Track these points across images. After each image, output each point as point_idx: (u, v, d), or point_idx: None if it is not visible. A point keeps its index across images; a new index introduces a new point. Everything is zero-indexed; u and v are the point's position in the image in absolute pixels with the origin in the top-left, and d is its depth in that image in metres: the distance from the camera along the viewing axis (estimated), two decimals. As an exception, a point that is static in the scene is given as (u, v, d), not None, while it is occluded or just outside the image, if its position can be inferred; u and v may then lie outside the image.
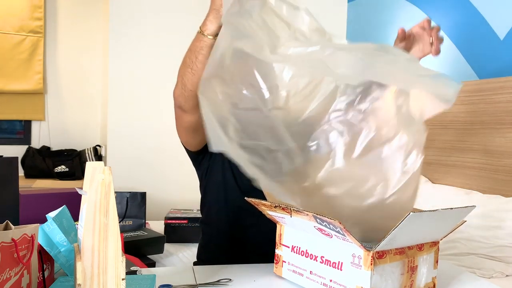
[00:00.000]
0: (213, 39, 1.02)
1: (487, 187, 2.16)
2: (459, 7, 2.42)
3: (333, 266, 0.96)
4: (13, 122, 3.66)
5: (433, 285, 1.03)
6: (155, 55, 3.46)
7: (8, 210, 1.14)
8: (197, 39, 1.06)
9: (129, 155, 3.38)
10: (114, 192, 0.78)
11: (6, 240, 0.78)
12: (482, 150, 2.20)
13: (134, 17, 3.39)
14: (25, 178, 3.35)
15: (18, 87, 3.50)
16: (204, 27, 1.04)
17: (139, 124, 3.43)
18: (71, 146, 3.68)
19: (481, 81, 2.22)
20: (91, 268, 0.76)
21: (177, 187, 3.45)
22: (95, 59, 3.77)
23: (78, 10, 3.71)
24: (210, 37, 1.04)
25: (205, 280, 1.08)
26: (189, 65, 1.08)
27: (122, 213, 2.39)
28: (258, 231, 1.37)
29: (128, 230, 2.14)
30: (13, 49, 3.46)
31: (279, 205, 0.99)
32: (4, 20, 3.42)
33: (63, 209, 1.03)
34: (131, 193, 2.44)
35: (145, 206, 2.46)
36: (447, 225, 1.03)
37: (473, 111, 2.25)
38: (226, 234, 1.46)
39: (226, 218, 1.45)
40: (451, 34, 2.47)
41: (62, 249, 0.96)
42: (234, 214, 1.40)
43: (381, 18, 3.05)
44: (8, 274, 0.77)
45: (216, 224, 1.47)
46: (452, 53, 2.45)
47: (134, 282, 0.94)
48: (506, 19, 2.15)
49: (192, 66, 1.07)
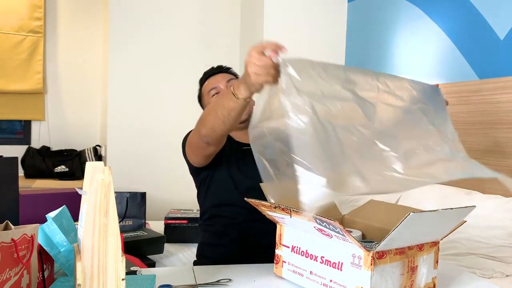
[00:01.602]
0: (245, 102, 1.10)
1: (487, 187, 2.15)
2: (459, 7, 2.42)
3: (333, 266, 0.97)
4: (13, 122, 3.66)
5: (433, 285, 1.03)
6: (155, 55, 3.46)
7: (8, 210, 1.14)
8: (230, 99, 1.11)
9: (129, 155, 3.38)
10: (114, 192, 0.78)
11: (6, 240, 0.78)
12: (482, 150, 2.19)
13: (134, 17, 3.39)
14: (25, 178, 3.35)
15: (18, 87, 3.50)
16: (237, 91, 1.09)
17: (139, 124, 3.43)
18: (71, 146, 3.68)
19: (481, 81, 2.22)
20: (91, 268, 0.76)
21: (177, 187, 3.45)
22: (95, 59, 3.77)
23: (78, 10, 3.71)
24: (242, 100, 1.10)
25: (205, 280, 1.08)
26: (221, 118, 1.16)
27: (122, 213, 2.39)
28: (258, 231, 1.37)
29: (128, 230, 2.14)
30: (13, 49, 3.46)
31: (278, 205, 0.99)
32: (4, 20, 3.42)
33: (63, 209, 1.03)
34: (131, 193, 2.44)
35: (145, 206, 2.46)
36: (447, 225, 1.03)
37: (473, 111, 2.25)
38: (227, 233, 1.46)
39: (226, 219, 1.45)
40: (451, 34, 2.47)
41: (62, 249, 0.96)
42: (235, 214, 1.41)
43: (381, 18, 3.04)
44: (8, 274, 0.77)
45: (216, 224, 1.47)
46: (452, 53, 2.45)
47: (134, 282, 0.94)
48: (506, 19, 2.15)
49: (225, 120, 1.16)
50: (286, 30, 3.24)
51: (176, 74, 3.52)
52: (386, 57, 2.99)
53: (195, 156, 1.42)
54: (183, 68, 3.53)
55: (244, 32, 3.62)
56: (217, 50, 3.64)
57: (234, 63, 3.68)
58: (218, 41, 3.64)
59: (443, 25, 2.53)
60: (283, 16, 3.25)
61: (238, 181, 1.45)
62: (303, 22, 3.28)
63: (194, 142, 1.36)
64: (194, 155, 1.43)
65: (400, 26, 2.87)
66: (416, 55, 2.72)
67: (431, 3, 2.62)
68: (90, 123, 3.79)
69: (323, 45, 3.35)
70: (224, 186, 1.47)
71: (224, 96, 1.14)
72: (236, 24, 3.69)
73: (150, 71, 3.46)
